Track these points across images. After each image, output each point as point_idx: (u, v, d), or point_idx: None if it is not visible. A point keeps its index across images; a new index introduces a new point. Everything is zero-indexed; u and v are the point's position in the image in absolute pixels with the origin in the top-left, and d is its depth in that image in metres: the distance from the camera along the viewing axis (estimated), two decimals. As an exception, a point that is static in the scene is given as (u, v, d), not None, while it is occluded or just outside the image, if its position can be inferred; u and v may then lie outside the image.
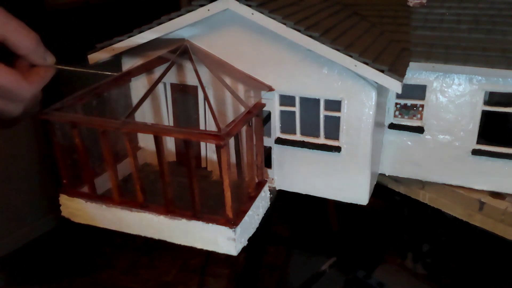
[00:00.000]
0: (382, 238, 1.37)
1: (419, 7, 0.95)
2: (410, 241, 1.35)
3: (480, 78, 0.80)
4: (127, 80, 0.88)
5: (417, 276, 1.27)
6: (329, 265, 1.31)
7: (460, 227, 1.00)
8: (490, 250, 1.15)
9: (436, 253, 1.29)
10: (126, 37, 0.81)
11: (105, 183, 0.81)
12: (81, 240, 1.23)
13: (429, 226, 1.28)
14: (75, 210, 0.80)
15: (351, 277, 1.27)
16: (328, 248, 1.37)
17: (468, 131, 0.83)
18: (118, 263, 1.35)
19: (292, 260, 1.38)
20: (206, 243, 0.73)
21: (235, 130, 0.68)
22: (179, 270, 1.35)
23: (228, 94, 0.82)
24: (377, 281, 1.24)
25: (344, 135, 0.80)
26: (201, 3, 0.75)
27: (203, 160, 0.91)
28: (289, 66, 0.78)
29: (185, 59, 0.81)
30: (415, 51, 0.83)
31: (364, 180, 0.81)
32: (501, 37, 0.83)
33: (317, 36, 0.72)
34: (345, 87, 0.76)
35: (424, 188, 0.93)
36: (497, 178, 0.85)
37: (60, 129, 0.76)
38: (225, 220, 0.70)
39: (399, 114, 0.88)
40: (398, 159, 0.90)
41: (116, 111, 0.86)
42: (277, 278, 1.31)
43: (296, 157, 0.84)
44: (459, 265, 1.24)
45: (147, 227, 0.75)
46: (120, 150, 0.77)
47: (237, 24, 0.77)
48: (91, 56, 0.85)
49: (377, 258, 1.32)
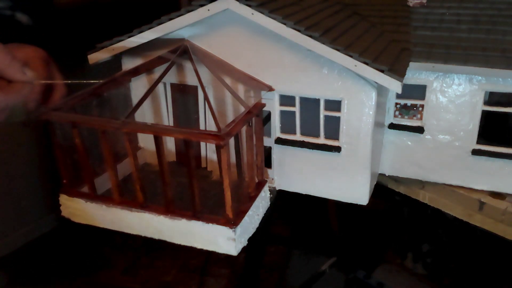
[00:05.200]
0: (382, 238, 1.37)
1: (419, 7, 0.95)
2: (410, 241, 1.35)
3: (480, 78, 0.80)
4: (127, 80, 0.88)
5: (417, 276, 1.27)
6: (329, 265, 1.31)
7: (460, 227, 1.00)
8: (490, 250, 1.15)
9: (436, 253, 1.29)
10: (126, 37, 0.82)
11: (105, 183, 0.81)
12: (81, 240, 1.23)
13: (429, 226, 1.28)
14: (75, 210, 0.80)
15: (351, 277, 1.27)
16: (328, 248, 1.37)
17: (468, 131, 0.83)
18: (118, 263, 1.35)
19: (292, 260, 1.38)
20: (206, 243, 0.73)
21: (235, 130, 0.68)
22: (179, 270, 1.35)
23: (228, 94, 0.82)
24: (377, 281, 1.24)
25: (344, 135, 0.80)
26: (201, 3, 0.75)
27: (203, 160, 0.91)
28: (289, 66, 0.78)
29: (185, 59, 0.81)
30: (415, 51, 0.83)
31: (364, 180, 0.81)
32: (501, 37, 0.83)
33: (317, 36, 0.72)
34: (345, 87, 0.76)
35: (424, 188, 0.93)
36: (497, 178, 0.85)
37: (60, 129, 0.76)
38: (225, 220, 0.70)
39: (399, 114, 0.88)
40: (398, 159, 0.90)
41: (116, 111, 0.86)
42: (277, 278, 1.31)
43: (296, 157, 0.84)
44: (459, 265, 1.24)
45: (147, 227, 0.75)
46: (120, 150, 0.77)
47: (237, 24, 0.77)
48: (91, 56, 0.85)
49: (377, 258, 1.32)
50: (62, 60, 0.80)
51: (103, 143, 0.73)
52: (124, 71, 0.86)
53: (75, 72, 0.77)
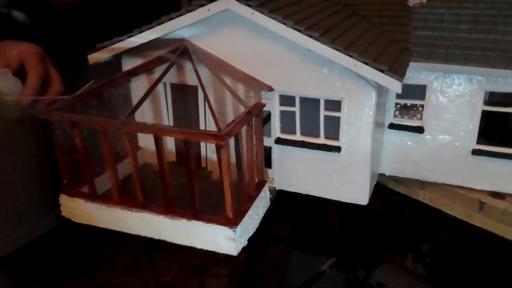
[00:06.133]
0: (382, 238, 1.37)
1: (419, 7, 0.95)
2: (410, 241, 1.34)
3: (480, 78, 0.80)
4: (127, 80, 0.88)
5: (417, 276, 1.27)
6: (329, 265, 1.31)
7: (460, 227, 1.00)
8: (490, 250, 1.15)
9: (436, 253, 1.29)
10: (126, 37, 0.82)
11: (105, 183, 0.81)
12: (81, 240, 1.23)
13: (429, 226, 1.28)
14: (75, 210, 0.80)
15: (351, 277, 1.27)
16: (328, 248, 1.37)
17: (468, 131, 0.83)
18: (118, 263, 1.34)
19: (292, 260, 1.38)
20: (206, 243, 0.73)
21: (235, 130, 0.68)
22: (179, 270, 1.35)
23: (228, 94, 0.82)
24: (377, 281, 1.24)
25: (344, 135, 0.80)
26: (201, 3, 0.75)
27: (203, 160, 0.91)
28: (289, 66, 0.78)
29: (185, 59, 0.81)
30: (415, 51, 0.83)
31: (364, 180, 0.81)
32: (501, 37, 0.83)
33: (317, 36, 0.72)
34: (345, 87, 0.76)
35: (424, 188, 0.93)
36: (497, 178, 0.85)
37: (60, 129, 0.76)
38: (225, 220, 0.70)
39: (399, 114, 0.88)
40: (398, 159, 0.90)
41: (116, 111, 0.86)
42: (277, 278, 1.31)
43: (296, 157, 0.84)
44: (459, 265, 1.24)
45: (147, 227, 0.75)
46: (120, 150, 0.77)
47: (237, 24, 0.77)
48: (91, 56, 0.85)
49: (377, 258, 1.32)
50: (59, 58, 0.80)
51: (103, 143, 0.73)
52: (124, 71, 0.87)
53: (72, 69, 0.77)
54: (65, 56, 0.76)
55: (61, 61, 0.81)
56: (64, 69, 0.81)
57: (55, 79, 0.80)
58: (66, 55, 0.78)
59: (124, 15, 1.26)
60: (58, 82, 0.79)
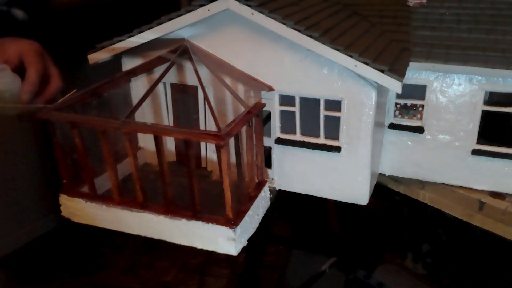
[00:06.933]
0: (382, 238, 1.37)
1: (419, 7, 0.95)
2: (410, 241, 1.34)
3: (480, 78, 0.80)
4: (127, 80, 0.88)
5: (417, 276, 1.26)
6: (329, 265, 1.31)
7: (460, 227, 1.00)
8: (490, 250, 1.15)
9: (436, 253, 1.29)
10: (126, 37, 0.82)
11: (105, 183, 0.81)
12: (81, 240, 1.23)
13: (429, 226, 1.28)
14: (75, 210, 0.80)
15: (351, 277, 1.27)
16: (328, 248, 1.37)
17: (468, 131, 0.83)
18: (118, 263, 1.34)
19: (292, 260, 1.38)
20: (206, 243, 0.73)
21: (235, 130, 0.68)
22: (179, 270, 1.35)
23: (228, 94, 0.82)
24: (377, 281, 1.24)
25: (344, 135, 0.80)
26: (201, 3, 0.75)
27: (203, 160, 0.91)
28: (289, 66, 0.78)
29: (185, 59, 0.81)
30: (415, 51, 0.83)
31: (364, 180, 0.81)
32: (501, 37, 0.83)
33: (317, 36, 0.72)
34: (345, 87, 0.76)
35: (424, 188, 0.93)
36: (497, 178, 0.85)
37: (60, 129, 0.76)
38: (225, 220, 0.70)
39: (399, 114, 0.88)
40: (398, 159, 0.90)
41: (116, 111, 0.86)
42: (277, 278, 1.31)
43: (296, 157, 0.84)
44: (459, 265, 1.24)
45: (147, 227, 0.75)
46: (120, 150, 0.77)
47: (237, 24, 0.77)
48: (91, 56, 0.85)
49: (377, 258, 1.32)
50: (58, 57, 0.80)
51: (103, 143, 0.73)
52: (124, 71, 0.87)
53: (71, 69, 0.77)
54: (64, 55, 0.76)
55: (60, 60, 0.81)
56: (63, 68, 0.81)
57: (54, 76, 0.80)
58: (65, 54, 0.78)
59: (124, 15, 1.26)
60: (57, 79, 0.79)
